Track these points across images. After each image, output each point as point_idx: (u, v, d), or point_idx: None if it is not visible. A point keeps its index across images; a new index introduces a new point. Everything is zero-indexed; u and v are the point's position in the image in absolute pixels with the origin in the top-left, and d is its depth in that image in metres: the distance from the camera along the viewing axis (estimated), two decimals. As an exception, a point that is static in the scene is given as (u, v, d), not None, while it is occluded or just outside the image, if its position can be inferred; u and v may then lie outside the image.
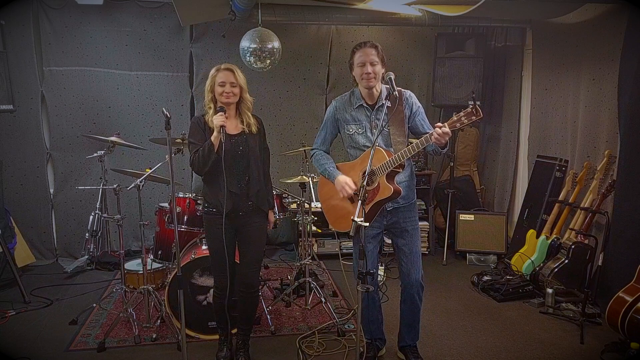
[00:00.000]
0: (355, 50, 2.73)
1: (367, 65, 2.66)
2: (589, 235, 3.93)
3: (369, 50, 2.68)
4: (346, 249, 5.11)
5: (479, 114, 2.37)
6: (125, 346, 3.27)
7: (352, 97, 2.85)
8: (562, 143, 4.56)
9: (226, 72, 2.75)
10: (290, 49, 5.11)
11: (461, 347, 3.28)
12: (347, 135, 2.86)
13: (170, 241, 3.72)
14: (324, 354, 3.18)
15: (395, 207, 2.82)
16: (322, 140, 2.98)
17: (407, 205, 2.86)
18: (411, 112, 2.80)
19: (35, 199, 4.96)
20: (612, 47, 3.87)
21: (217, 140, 2.70)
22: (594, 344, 3.28)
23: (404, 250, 2.89)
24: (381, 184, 2.66)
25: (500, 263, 4.85)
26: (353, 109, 2.82)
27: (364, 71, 2.67)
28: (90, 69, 4.92)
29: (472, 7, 3.84)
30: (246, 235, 2.91)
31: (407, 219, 2.87)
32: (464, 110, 2.41)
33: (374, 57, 2.67)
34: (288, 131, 5.38)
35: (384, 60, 2.74)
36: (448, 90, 5.07)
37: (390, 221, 2.86)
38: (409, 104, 2.80)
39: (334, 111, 2.90)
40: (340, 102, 2.91)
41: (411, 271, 2.88)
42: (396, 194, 2.67)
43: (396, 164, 2.61)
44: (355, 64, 2.72)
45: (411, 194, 2.88)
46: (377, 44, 2.72)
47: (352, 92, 2.87)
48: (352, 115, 2.83)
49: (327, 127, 2.94)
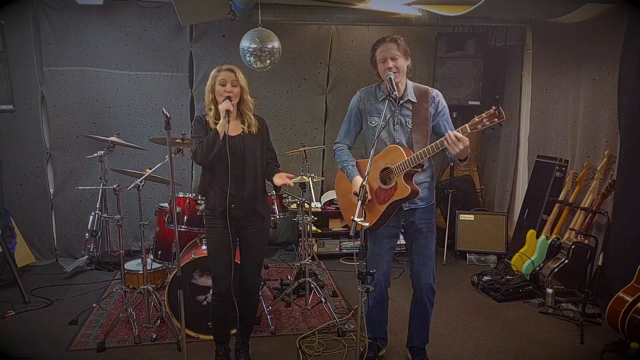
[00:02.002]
0: (376, 47, 2.70)
1: (388, 60, 2.63)
2: (589, 235, 3.93)
3: (389, 45, 2.65)
4: (346, 249, 5.13)
5: (502, 116, 2.30)
6: (125, 346, 3.27)
7: (378, 90, 2.80)
8: (562, 143, 4.56)
9: (227, 72, 2.75)
10: (290, 49, 5.11)
11: (461, 347, 3.28)
12: (370, 127, 2.80)
13: (170, 241, 3.72)
14: (324, 354, 3.18)
15: (412, 208, 2.77)
16: (346, 132, 2.90)
17: (425, 207, 2.80)
18: (436, 111, 2.76)
19: (35, 199, 4.96)
20: (612, 47, 3.86)
21: (223, 128, 2.66)
22: (594, 344, 3.28)
23: (416, 252, 2.84)
24: (399, 183, 2.62)
25: (500, 263, 4.85)
26: (378, 102, 2.78)
27: (386, 67, 2.64)
28: (90, 69, 4.92)
29: (472, 7, 3.84)
30: (247, 238, 2.89)
31: (424, 221, 2.81)
32: (486, 112, 2.35)
33: (395, 51, 2.64)
34: (288, 131, 5.38)
35: (407, 52, 2.70)
36: (448, 90, 5.06)
37: (407, 221, 2.81)
38: (435, 102, 2.76)
39: (357, 101, 2.84)
40: (365, 92, 2.84)
41: (421, 273, 2.83)
42: (414, 195, 2.62)
43: (414, 164, 2.57)
44: (378, 60, 2.69)
45: (431, 196, 2.83)
46: (398, 37, 2.68)
47: (378, 85, 2.82)
48: (376, 108, 2.78)
49: (351, 119, 2.88)
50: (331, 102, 5.40)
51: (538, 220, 4.65)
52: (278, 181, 2.80)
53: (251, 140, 2.82)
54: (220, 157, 2.70)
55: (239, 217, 2.82)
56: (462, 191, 5.39)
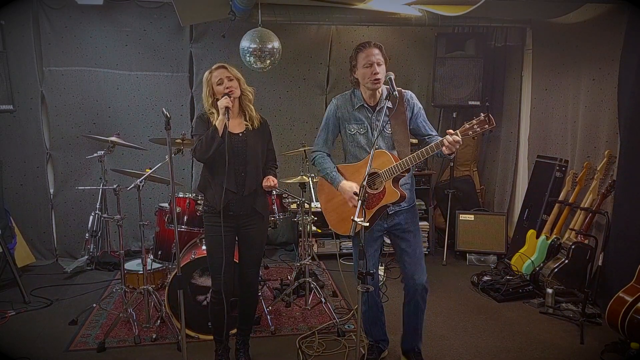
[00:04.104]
0: (359, 51, 2.65)
1: (375, 65, 2.60)
2: (589, 235, 3.93)
3: (374, 50, 2.62)
4: (346, 249, 5.12)
5: (492, 123, 2.31)
6: (125, 346, 3.27)
7: (353, 97, 2.78)
8: (562, 143, 4.56)
9: (219, 70, 2.76)
10: (290, 49, 5.11)
11: (461, 347, 3.28)
12: (348, 134, 2.80)
13: (170, 241, 3.72)
14: (324, 354, 3.18)
15: (397, 210, 2.79)
16: (324, 141, 2.88)
17: (408, 208, 2.82)
18: (412, 114, 2.76)
19: (35, 199, 4.96)
20: (612, 47, 3.86)
21: (222, 124, 2.66)
22: (594, 344, 3.28)
23: (407, 252, 2.84)
24: (387, 188, 2.63)
25: (500, 263, 4.84)
26: (354, 109, 2.77)
27: (372, 71, 2.60)
28: (90, 69, 4.92)
29: (472, 7, 3.84)
30: (246, 236, 2.89)
31: (410, 221, 2.83)
32: (477, 119, 2.35)
33: (380, 57, 2.62)
34: (288, 131, 5.38)
35: (387, 60, 2.68)
36: (448, 91, 5.07)
37: (392, 223, 2.82)
38: (410, 105, 2.76)
39: (335, 109, 2.82)
40: (341, 100, 2.83)
41: (415, 273, 2.83)
42: (402, 199, 2.63)
43: (403, 169, 2.57)
44: (360, 64, 2.64)
45: (412, 197, 2.85)
46: (380, 44, 2.67)
47: (352, 92, 2.80)
48: (353, 115, 2.77)
49: (329, 127, 2.85)
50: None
51: (538, 220, 4.65)
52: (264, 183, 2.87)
53: (253, 138, 2.83)
54: (221, 153, 2.70)
55: (238, 216, 2.82)
56: (462, 191, 5.39)
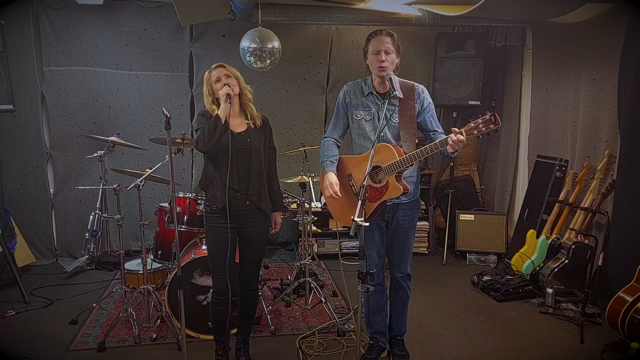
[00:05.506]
0: (371, 38, 2.71)
1: (382, 53, 2.64)
2: (589, 235, 3.93)
3: (385, 38, 2.66)
4: (346, 249, 5.12)
5: (497, 123, 2.31)
6: (125, 346, 3.27)
7: (364, 85, 2.82)
8: (562, 143, 4.56)
9: (217, 69, 2.77)
10: (290, 49, 5.11)
11: (461, 347, 3.28)
12: (354, 121, 2.82)
13: (170, 241, 3.72)
14: (324, 354, 3.18)
15: (395, 204, 2.81)
16: (334, 126, 2.93)
17: (408, 202, 2.84)
18: (422, 108, 2.78)
19: (35, 199, 4.96)
20: (612, 47, 3.87)
21: (224, 112, 2.66)
22: (594, 344, 3.28)
23: (398, 245, 2.90)
24: (390, 183, 2.63)
25: (500, 263, 4.85)
26: (363, 96, 2.80)
27: (378, 59, 2.65)
28: (90, 69, 4.92)
29: (472, 7, 3.84)
30: (247, 236, 2.88)
31: (407, 217, 2.87)
32: (482, 117, 2.36)
33: (389, 45, 2.66)
34: (288, 131, 5.38)
35: (400, 49, 2.72)
36: (448, 90, 5.07)
37: (390, 216, 2.86)
38: (421, 99, 2.78)
39: (343, 96, 2.87)
40: (351, 86, 2.87)
41: (401, 264, 2.94)
42: (405, 193, 2.66)
43: (407, 165, 2.58)
44: (370, 51, 2.70)
45: (415, 191, 2.87)
46: (393, 32, 2.69)
47: (364, 80, 2.85)
48: (361, 101, 2.80)
49: (339, 113, 2.90)
50: (331, 102, 5.40)
51: (538, 220, 4.65)
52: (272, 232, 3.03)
53: (256, 136, 2.83)
54: (223, 150, 2.71)
55: (240, 214, 2.81)
56: (462, 191, 5.39)
